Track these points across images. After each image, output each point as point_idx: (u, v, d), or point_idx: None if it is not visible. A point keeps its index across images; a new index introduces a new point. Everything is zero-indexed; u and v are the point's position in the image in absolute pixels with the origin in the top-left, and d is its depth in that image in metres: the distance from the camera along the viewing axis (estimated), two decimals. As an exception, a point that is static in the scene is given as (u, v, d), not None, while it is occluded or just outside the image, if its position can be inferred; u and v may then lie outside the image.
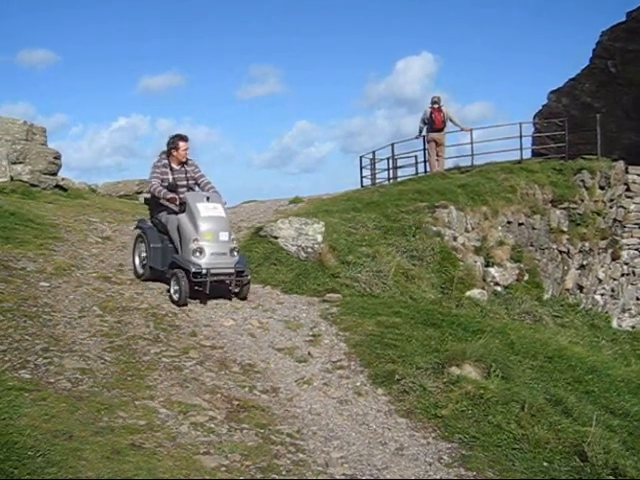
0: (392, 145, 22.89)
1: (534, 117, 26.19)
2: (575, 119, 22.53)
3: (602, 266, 19.32)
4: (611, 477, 5.04)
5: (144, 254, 9.48)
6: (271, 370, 6.76)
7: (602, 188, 19.74)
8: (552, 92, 25.98)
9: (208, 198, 8.96)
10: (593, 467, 5.12)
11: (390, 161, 23.25)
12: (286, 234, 10.97)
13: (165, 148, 9.56)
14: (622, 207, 20.29)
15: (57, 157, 16.48)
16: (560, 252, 17.95)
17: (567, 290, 17.89)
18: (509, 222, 16.70)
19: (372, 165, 24.54)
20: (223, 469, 4.57)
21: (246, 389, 6.18)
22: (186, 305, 8.31)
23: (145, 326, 7.44)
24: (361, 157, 25.28)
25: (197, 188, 9.61)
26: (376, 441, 5.46)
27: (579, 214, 18.58)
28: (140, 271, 9.59)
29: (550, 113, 25.10)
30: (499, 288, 14.44)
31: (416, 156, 22.27)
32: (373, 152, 24.58)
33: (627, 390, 7.47)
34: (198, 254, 8.54)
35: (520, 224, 17.02)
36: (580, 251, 18.39)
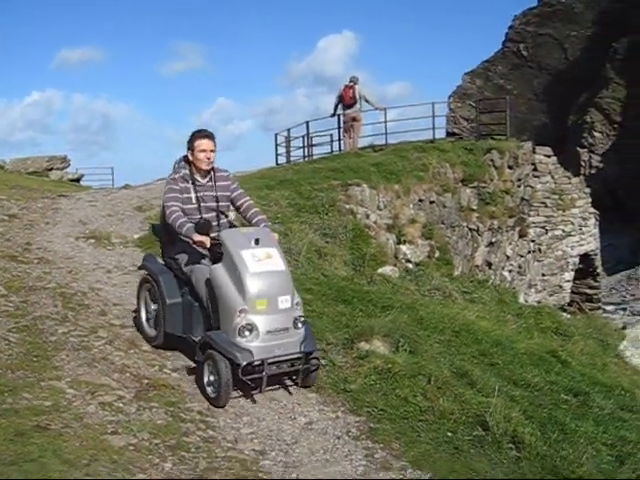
0: (307, 123, 22.95)
1: (449, 97, 26.76)
2: (488, 100, 23.21)
3: (510, 243, 19.99)
4: (510, 445, 5.26)
5: (154, 308, 6.49)
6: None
7: (510, 168, 20.39)
8: (466, 74, 26.64)
9: (258, 240, 5.65)
10: (494, 435, 5.32)
11: (305, 139, 23.32)
12: (199, 212, 10.81)
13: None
14: (529, 186, 21.07)
15: (-41, 131, 15.84)
16: (470, 230, 18.44)
17: (476, 267, 18.42)
18: (421, 200, 17.02)
19: (287, 143, 24.55)
20: (131, 448, 4.54)
21: (156, 368, 6.12)
22: (224, 407, 5.53)
23: (53, 306, 7.25)
24: (276, 135, 25.26)
25: (232, 214, 6.96)
26: (286, 416, 5.52)
27: (488, 193, 19.13)
28: (150, 333, 6.56)
29: (464, 94, 25.78)
30: (410, 265, 14.71)
31: (331, 134, 22.46)
32: (288, 130, 24.60)
33: (529, 362, 7.80)
34: (247, 334, 5.43)
35: (431, 202, 17.37)
36: (489, 229, 18.95)
